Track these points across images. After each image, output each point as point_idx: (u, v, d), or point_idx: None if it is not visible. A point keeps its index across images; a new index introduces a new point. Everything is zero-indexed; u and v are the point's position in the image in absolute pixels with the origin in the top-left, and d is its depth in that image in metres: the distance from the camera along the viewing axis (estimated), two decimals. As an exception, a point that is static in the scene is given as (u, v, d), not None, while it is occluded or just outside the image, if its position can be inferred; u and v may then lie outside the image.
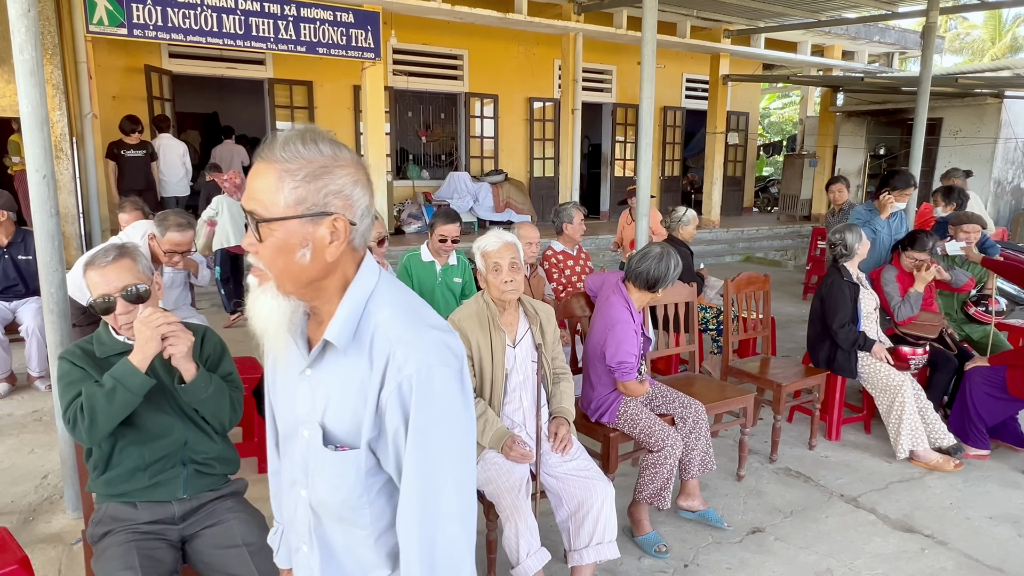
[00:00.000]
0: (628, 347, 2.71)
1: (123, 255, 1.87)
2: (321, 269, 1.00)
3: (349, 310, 1.02)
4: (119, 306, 1.83)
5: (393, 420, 0.99)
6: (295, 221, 0.97)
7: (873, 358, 3.67)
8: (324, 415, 1.05)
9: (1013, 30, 24.61)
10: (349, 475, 1.04)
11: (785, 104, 25.46)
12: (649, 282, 2.81)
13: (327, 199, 0.98)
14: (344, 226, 0.99)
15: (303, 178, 0.97)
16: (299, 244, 0.98)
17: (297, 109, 9.71)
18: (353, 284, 1.03)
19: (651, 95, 4.16)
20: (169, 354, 1.80)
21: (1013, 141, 11.09)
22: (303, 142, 0.98)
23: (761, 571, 2.67)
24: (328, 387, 1.05)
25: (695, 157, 14.85)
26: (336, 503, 1.07)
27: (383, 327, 1.00)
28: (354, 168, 1.02)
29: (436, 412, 0.98)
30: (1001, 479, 3.45)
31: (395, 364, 0.97)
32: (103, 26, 6.47)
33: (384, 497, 1.06)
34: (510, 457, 2.33)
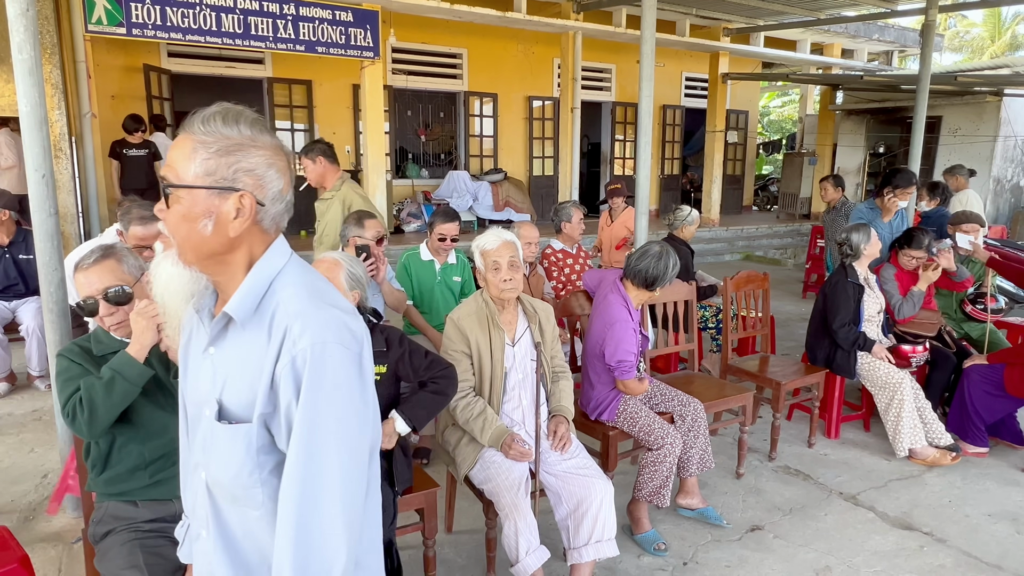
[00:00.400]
0: (627, 346, 2.71)
1: (107, 256, 1.87)
2: (223, 243, 1.02)
3: (251, 285, 1.03)
4: (101, 308, 1.83)
5: (286, 394, 0.98)
6: (202, 191, 0.99)
7: (872, 356, 3.67)
8: (223, 391, 1.05)
9: (1013, 28, 24.59)
10: (239, 450, 1.03)
11: (784, 102, 25.46)
12: (647, 281, 2.81)
13: (237, 175, 1.00)
14: (251, 204, 1.01)
15: (216, 151, 0.99)
16: (202, 214, 0.99)
17: (296, 108, 9.70)
18: (259, 262, 1.05)
19: (650, 94, 4.16)
20: (166, 346, 1.81)
21: (1012, 139, 11.09)
22: (224, 120, 1.01)
23: (760, 569, 2.67)
24: (229, 364, 1.05)
25: (695, 156, 14.85)
26: (228, 480, 1.06)
27: (284, 303, 1.01)
28: (272, 152, 1.03)
29: (328, 389, 0.98)
30: (1000, 477, 3.45)
31: (291, 338, 0.97)
32: (102, 25, 6.46)
33: (278, 477, 1.03)
34: (509, 455, 2.34)
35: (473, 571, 2.62)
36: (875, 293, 3.80)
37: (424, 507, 2.34)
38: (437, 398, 2.26)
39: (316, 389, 0.97)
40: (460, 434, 2.49)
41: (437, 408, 2.28)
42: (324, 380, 0.97)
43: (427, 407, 2.25)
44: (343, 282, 2.17)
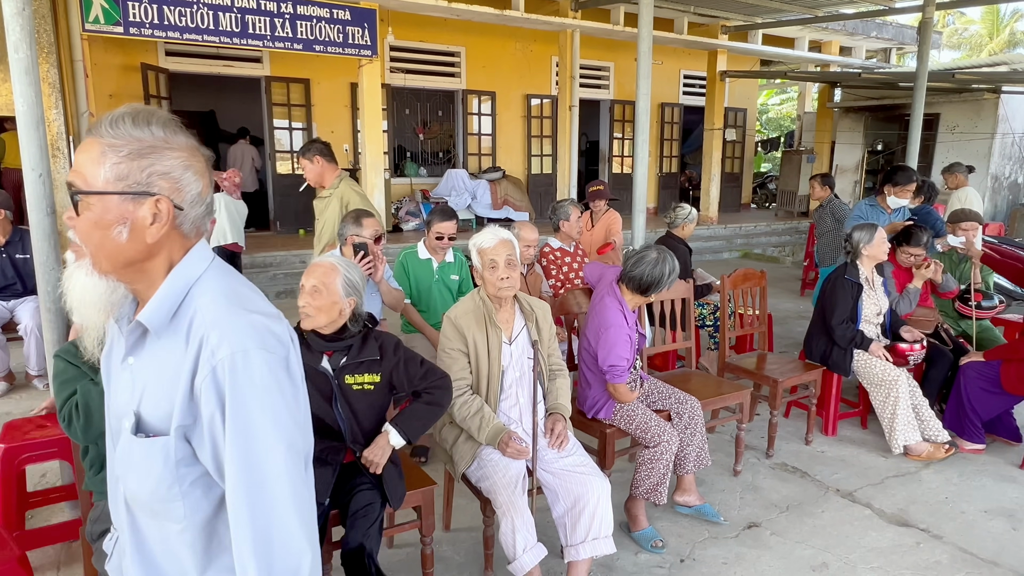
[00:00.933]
0: (620, 351, 2.70)
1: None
2: (140, 250, 0.98)
3: (167, 292, 0.99)
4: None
5: (208, 407, 0.94)
6: (114, 198, 0.95)
7: (869, 354, 3.67)
8: (140, 403, 1.01)
9: (1011, 25, 24.61)
10: (157, 464, 0.98)
11: (783, 100, 25.46)
12: (642, 287, 2.76)
13: (151, 179, 0.96)
14: (168, 208, 0.97)
15: (127, 155, 0.95)
16: (116, 221, 0.95)
17: (294, 107, 9.69)
18: (176, 268, 1.01)
19: (647, 91, 4.17)
20: None
21: (1010, 136, 11.10)
22: (134, 122, 0.96)
23: (757, 566, 2.68)
24: (147, 375, 1.01)
25: (693, 154, 14.86)
26: (146, 495, 1.02)
27: (201, 311, 0.97)
28: (188, 154, 1.00)
29: (257, 398, 0.94)
30: (996, 473, 3.46)
31: (208, 348, 0.94)
32: (99, 24, 6.46)
33: (200, 489, 1.00)
34: (507, 453, 2.34)
35: (471, 569, 2.63)
36: (876, 294, 3.79)
37: (421, 505, 2.35)
38: (432, 409, 2.25)
39: (244, 396, 0.93)
40: (457, 432, 2.49)
41: (432, 419, 2.27)
42: (251, 386, 0.93)
43: (422, 418, 2.24)
44: (339, 288, 2.15)
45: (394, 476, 2.24)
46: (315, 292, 2.15)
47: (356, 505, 2.11)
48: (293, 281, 7.50)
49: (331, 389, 2.17)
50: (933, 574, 2.63)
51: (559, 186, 10.51)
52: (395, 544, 2.77)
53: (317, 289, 2.15)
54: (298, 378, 1.01)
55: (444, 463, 2.63)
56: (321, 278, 2.16)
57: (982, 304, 4.09)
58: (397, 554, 2.72)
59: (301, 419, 1.00)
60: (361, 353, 2.21)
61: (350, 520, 2.10)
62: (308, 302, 2.16)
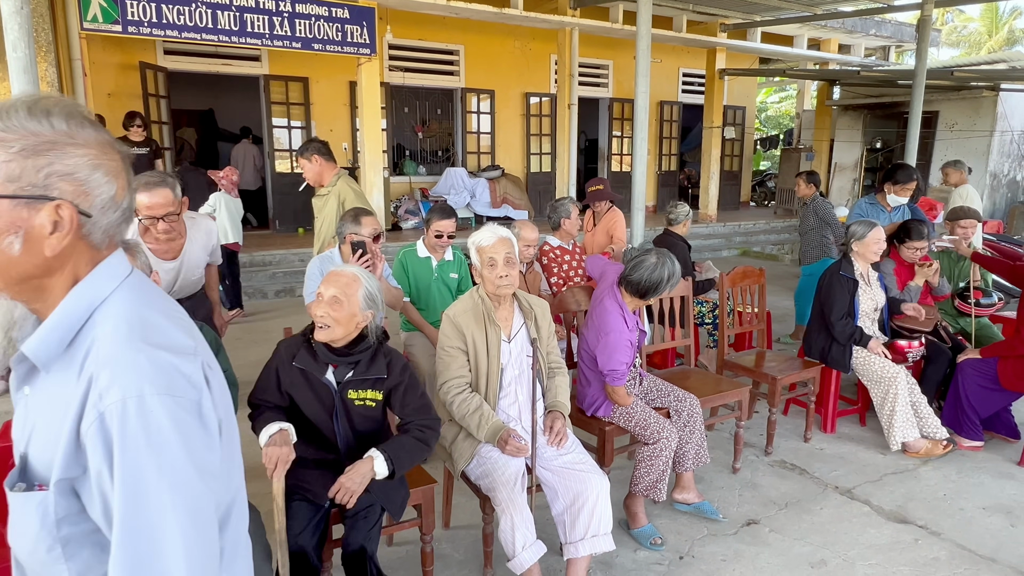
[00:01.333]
0: (620, 356, 2.70)
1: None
2: (37, 264, 0.83)
3: (60, 317, 0.84)
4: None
5: (95, 459, 0.79)
6: (3, 202, 0.80)
7: (868, 351, 3.68)
8: (28, 443, 0.87)
9: (1010, 23, 24.62)
10: (33, 522, 0.83)
11: (782, 98, 25.46)
12: (640, 291, 2.74)
13: (50, 180, 0.81)
14: (71, 215, 0.82)
15: (19, 151, 0.80)
16: (6, 230, 0.80)
17: (293, 105, 9.69)
18: (78, 287, 0.86)
19: (646, 90, 4.17)
20: None
21: (1009, 134, 11.10)
22: (29, 112, 0.81)
23: (756, 563, 2.69)
24: (38, 411, 0.87)
25: (692, 152, 14.85)
26: (24, 555, 0.86)
27: (98, 343, 0.83)
28: (97, 150, 0.85)
29: (152, 455, 0.78)
30: (994, 470, 3.47)
31: (97, 390, 0.79)
32: (97, 23, 6.45)
33: (89, 550, 0.84)
34: (506, 451, 2.35)
35: (471, 566, 2.64)
36: (872, 289, 3.80)
37: (422, 503, 2.35)
38: (421, 448, 2.16)
39: (136, 452, 0.78)
40: (457, 430, 2.49)
41: (418, 458, 2.17)
42: (146, 440, 0.78)
43: (410, 453, 2.14)
44: (360, 300, 2.09)
45: (394, 483, 2.19)
46: (335, 303, 2.07)
47: (357, 506, 2.10)
48: (292, 280, 7.50)
49: (332, 403, 2.13)
50: (931, 571, 2.64)
51: (558, 184, 10.51)
52: (395, 542, 2.77)
53: (337, 300, 2.07)
54: (211, 423, 0.85)
55: (443, 461, 2.63)
56: (343, 289, 2.08)
57: (981, 302, 4.10)
58: (397, 552, 2.72)
59: (215, 470, 0.85)
60: (369, 369, 2.15)
61: (350, 521, 2.10)
62: (327, 312, 2.07)
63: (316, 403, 2.13)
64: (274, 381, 2.14)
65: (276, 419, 2.05)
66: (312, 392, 2.13)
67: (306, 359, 2.12)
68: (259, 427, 2.04)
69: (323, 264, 3.25)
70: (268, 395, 2.16)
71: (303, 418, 2.15)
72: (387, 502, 2.14)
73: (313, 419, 2.14)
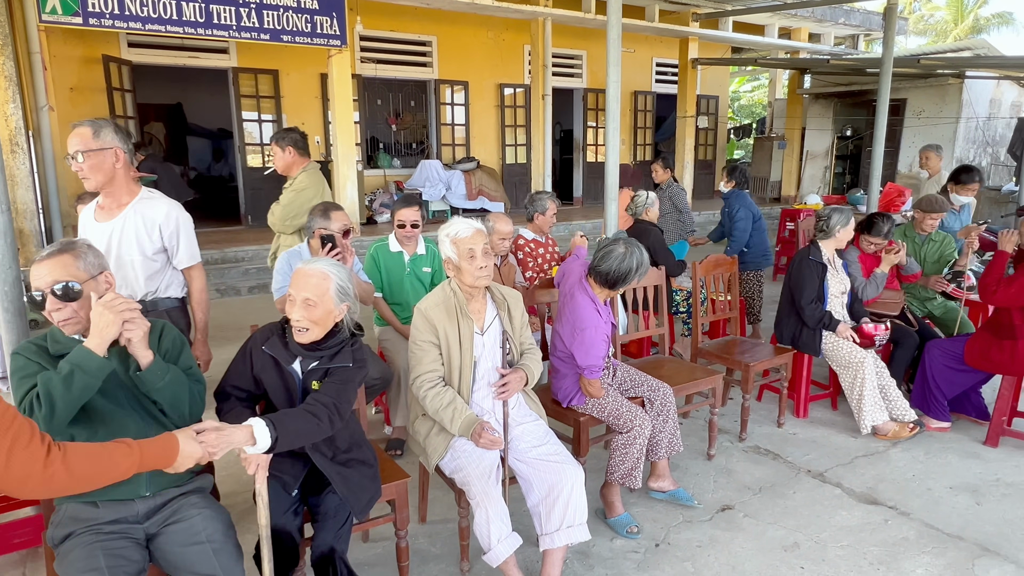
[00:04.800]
0: (597, 351, 2.70)
1: (63, 251, 1.81)
2: None
3: None
4: (48, 302, 1.77)
5: None
6: None
7: (837, 336, 3.73)
8: None
9: (975, 11, 25.07)
10: None
11: (754, 87, 25.68)
12: (609, 282, 2.73)
13: None
14: None
15: None
16: None
17: (263, 99, 9.53)
18: None
19: (617, 79, 4.15)
20: (127, 339, 1.78)
21: (974, 121, 11.32)
22: None
23: (731, 547, 2.72)
24: None
25: (666, 141, 14.92)
26: None
27: None
28: None
29: None
30: (961, 450, 3.55)
31: None
32: (56, 15, 6.26)
33: None
34: (480, 444, 2.33)
35: (447, 560, 2.63)
36: (840, 274, 3.86)
37: (395, 498, 2.34)
38: (308, 419, 1.95)
39: None
40: (430, 424, 2.48)
41: (306, 430, 1.95)
42: None
43: (296, 422, 1.93)
44: (332, 296, 2.04)
45: (362, 481, 2.13)
46: (308, 306, 2.01)
47: (327, 506, 2.08)
48: (266, 276, 7.39)
49: (296, 390, 2.10)
50: (900, 550, 2.69)
51: (534, 176, 10.49)
52: (370, 538, 2.75)
53: (310, 302, 2.01)
54: None
55: (418, 456, 2.61)
56: (314, 290, 2.01)
57: (972, 285, 4.17)
58: (373, 548, 2.70)
59: None
60: (333, 360, 2.10)
61: (320, 521, 2.08)
62: (303, 316, 2.02)
63: (282, 390, 2.10)
64: (248, 365, 2.12)
65: (248, 415, 2.01)
66: (279, 379, 2.10)
67: (277, 346, 2.10)
68: (230, 421, 1.98)
69: (291, 259, 3.21)
70: (240, 381, 2.12)
71: (272, 406, 2.13)
72: (352, 500, 2.10)
73: (279, 407, 2.11)
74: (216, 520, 1.84)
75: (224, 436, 1.73)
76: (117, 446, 1.46)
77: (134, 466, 1.46)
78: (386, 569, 2.56)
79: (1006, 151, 11.66)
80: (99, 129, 2.48)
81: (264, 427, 1.85)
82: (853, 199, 10.85)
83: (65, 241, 1.86)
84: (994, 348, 3.48)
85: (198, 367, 2.02)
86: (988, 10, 25.28)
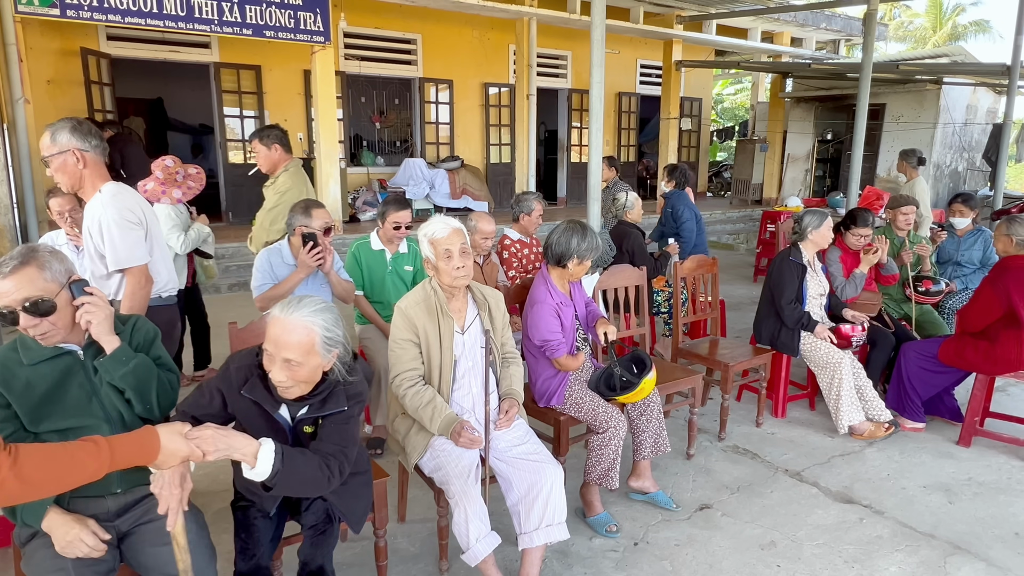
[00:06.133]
0: (546, 326, 2.75)
1: (26, 263, 1.68)
2: None
3: None
4: (22, 320, 1.68)
5: None
6: None
7: (815, 337, 3.77)
8: None
9: (953, 19, 25.51)
10: None
11: (737, 90, 25.91)
12: (554, 257, 2.84)
13: None
14: None
15: None
16: None
17: (245, 94, 9.44)
18: None
19: (601, 80, 4.17)
20: (87, 322, 1.74)
21: (951, 126, 11.51)
22: None
23: (708, 546, 2.74)
24: None
25: (650, 143, 15.01)
26: None
27: None
28: None
29: None
30: (935, 450, 3.61)
31: None
32: (33, 6, 6.15)
33: None
34: (460, 443, 2.33)
35: (426, 559, 2.62)
36: (818, 276, 3.91)
37: (374, 497, 2.32)
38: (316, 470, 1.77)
39: None
40: (410, 423, 2.47)
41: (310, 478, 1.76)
42: None
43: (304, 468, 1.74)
44: (318, 351, 1.78)
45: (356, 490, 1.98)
46: (290, 367, 1.75)
47: (314, 518, 1.96)
48: (247, 273, 7.32)
49: (286, 439, 1.86)
50: (875, 548, 2.73)
51: (518, 175, 10.49)
52: (348, 538, 2.73)
53: (295, 363, 1.75)
54: None
55: (397, 455, 2.60)
56: (297, 350, 1.74)
57: (931, 290, 4.24)
58: (351, 547, 2.69)
59: None
60: (325, 405, 1.86)
61: (308, 534, 2.00)
62: (288, 376, 1.76)
63: (268, 434, 1.80)
64: (218, 401, 1.87)
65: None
66: (264, 423, 1.87)
67: (258, 390, 1.84)
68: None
69: (271, 256, 3.18)
70: (206, 412, 1.86)
71: None
72: (347, 512, 1.98)
73: None
74: (189, 520, 1.81)
75: (224, 438, 1.58)
76: (83, 445, 1.33)
77: (104, 466, 1.35)
78: (364, 569, 2.54)
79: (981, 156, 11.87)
80: (55, 132, 2.39)
81: (271, 453, 1.64)
82: (833, 202, 10.98)
83: (26, 250, 1.72)
84: (969, 348, 3.54)
85: (171, 360, 1.98)
86: (966, 18, 25.75)
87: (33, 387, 1.73)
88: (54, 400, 1.75)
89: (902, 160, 6.16)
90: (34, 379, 1.73)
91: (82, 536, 1.69)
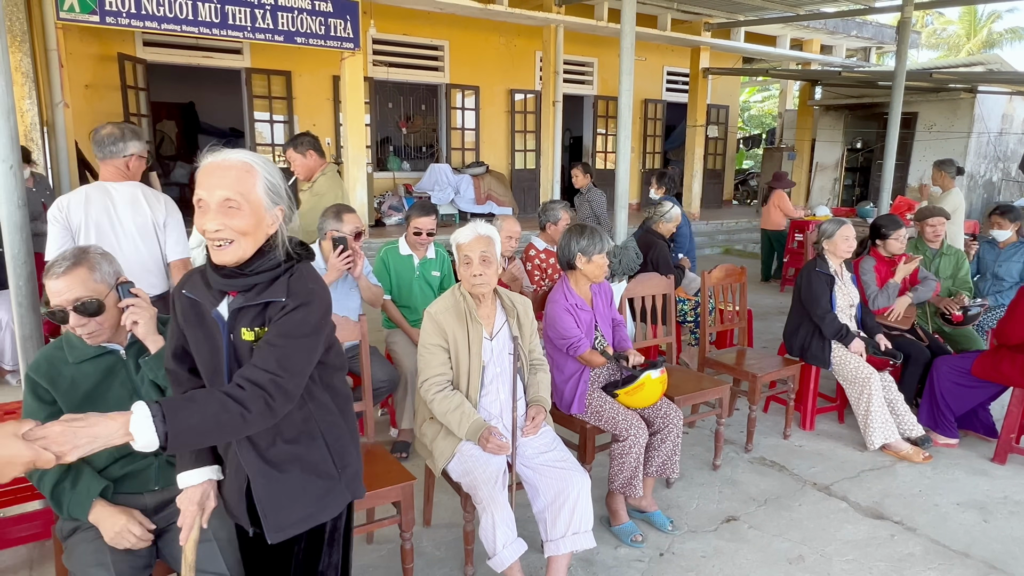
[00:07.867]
0: (563, 325, 2.81)
1: (78, 264, 1.74)
2: None
3: None
4: (72, 319, 1.75)
5: None
6: None
7: (850, 351, 3.70)
8: None
9: (988, 26, 25.00)
10: None
11: (765, 98, 25.67)
12: (564, 262, 2.93)
13: None
14: None
15: None
16: None
17: (275, 99, 9.59)
18: None
19: (630, 87, 4.17)
20: (132, 322, 1.78)
21: (986, 136, 11.28)
22: None
23: (735, 559, 2.71)
24: None
25: (676, 150, 14.92)
26: None
27: None
28: None
29: None
30: (969, 467, 3.52)
31: None
32: (74, 13, 6.32)
33: None
34: (487, 449, 2.34)
35: (451, 564, 2.63)
36: (847, 288, 3.84)
37: (401, 500, 2.34)
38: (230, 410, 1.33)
39: None
40: (437, 428, 2.48)
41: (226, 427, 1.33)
42: None
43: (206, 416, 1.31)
44: (261, 195, 1.44)
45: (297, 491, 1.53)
46: (229, 209, 1.39)
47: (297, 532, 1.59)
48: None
49: (223, 344, 1.48)
50: (906, 566, 2.68)
51: (543, 181, 10.51)
52: (375, 540, 2.76)
53: (233, 204, 1.39)
54: None
55: (424, 459, 2.62)
56: (235, 187, 1.39)
57: (969, 314, 4.15)
58: (377, 550, 2.71)
59: None
60: (263, 294, 1.44)
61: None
62: (224, 224, 1.39)
63: (205, 346, 1.50)
64: (178, 332, 1.55)
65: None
66: (201, 330, 1.50)
67: (198, 286, 1.50)
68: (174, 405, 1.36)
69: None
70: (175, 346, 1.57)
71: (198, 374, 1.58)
72: (267, 515, 1.52)
73: (205, 373, 1.53)
74: (223, 517, 1.84)
75: (82, 429, 1.20)
76: None
77: None
78: (390, 571, 2.56)
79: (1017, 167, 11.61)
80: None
81: (147, 417, 1.24)
82: (863, 212, 10.81)
83: (78, 251, 1.78)
84: (1006, 361, 3.45)
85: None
86: (1001, 25, 25.21)
87: (77, 385, 1.79)
88: (96, 398, 1.80)
89: (938, 170, 5.88)
90: (78, 377, 1.79)
91: (129, 527, 1.75)
